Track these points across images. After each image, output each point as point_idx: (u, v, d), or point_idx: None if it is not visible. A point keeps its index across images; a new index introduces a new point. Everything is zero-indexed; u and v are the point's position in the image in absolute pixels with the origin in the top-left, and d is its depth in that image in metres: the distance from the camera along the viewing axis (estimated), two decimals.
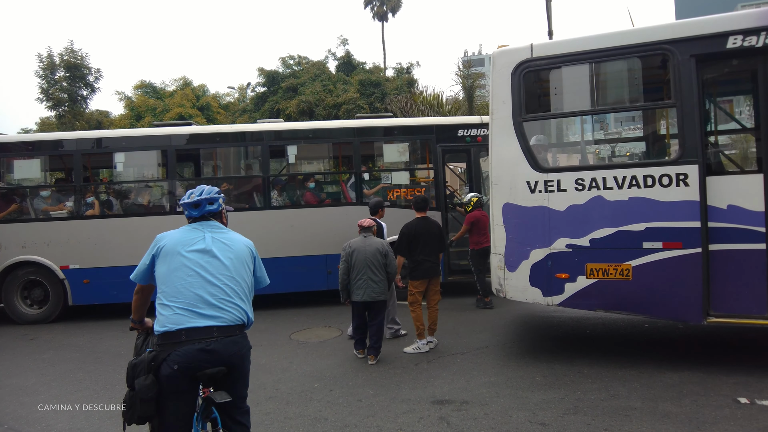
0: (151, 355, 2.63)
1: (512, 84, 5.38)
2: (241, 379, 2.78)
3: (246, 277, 2.87)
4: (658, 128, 5.29)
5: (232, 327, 2.68)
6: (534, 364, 5.37)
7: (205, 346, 2.57)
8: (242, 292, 2.80)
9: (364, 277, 5.54)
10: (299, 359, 5.91)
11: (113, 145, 8.52)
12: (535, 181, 5.29)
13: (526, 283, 5.36)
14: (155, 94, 25.14)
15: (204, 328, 2.60)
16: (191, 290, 2.66)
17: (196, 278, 2.69)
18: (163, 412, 2.59)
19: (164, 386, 2.57)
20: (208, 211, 2.94)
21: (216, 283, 2.71)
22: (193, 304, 2.64)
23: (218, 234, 2.88)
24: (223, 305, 2.68)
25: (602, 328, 6.69)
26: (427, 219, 6.15)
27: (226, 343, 2.63)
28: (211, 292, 2.68)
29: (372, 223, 5.96)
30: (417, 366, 5.49)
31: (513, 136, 5.37)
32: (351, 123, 9.03)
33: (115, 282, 8.32)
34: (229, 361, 2.64)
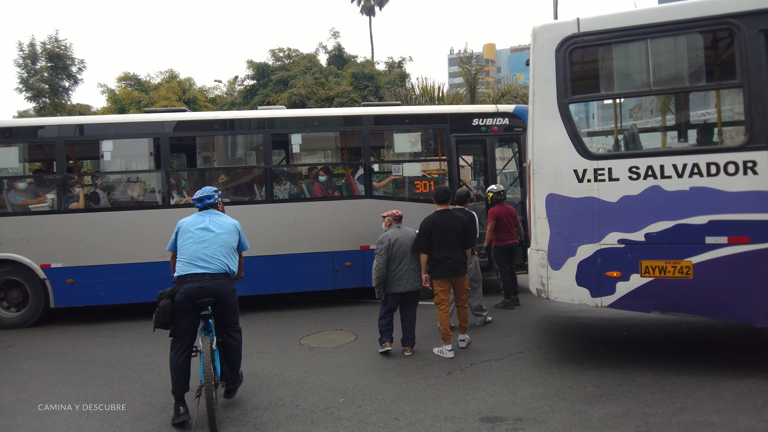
0: (170, 289, 4.13)
1: (556, 62, 4.85)
2: (227, 307, 4.20)
3: (231, 244, 4.27)
4: (721, 111, 4.83)
5: (218, 274, 4.12)
6: (579, 371, 4.86)
7: (200, 283, 4.03)
8: (227, 253, 4.22)
9: (405, 267, 5.45)
10: (315, 368, 5.30)
11: (100, 132, 7.76)
12: (583, 169, 4.77)
13: (572, 282, 4.84)
14: (140, 87, 24.15)
15: (200, 274, 4.07)
16: (191, 250, 4.14)
17: (197, 244, 4.16)
18: (176, 322, 4.07)
19: (177, 307, 4.03)
20: (207, 204, 4.37)
21: (209, 246, 4.15)
22: (194, 260, 4.11)
23: (214, 217, 4.33)
24: (212, 261, 4.13)
25: (639, 330, 6.23)
26: (448, 212, 5.60)
27: (214, 283, 4.07)
28: (205, 252, 4.13)
29: (402, 213, 5.79)
30: (450, 375, 4.93)
31: (558, 119, 4.84)
32: (360, 110, 8.42)
33: (102, 282, 7.61)
34: (215, 294, 4.05)
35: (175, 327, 4.07)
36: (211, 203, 4.36)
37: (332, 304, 8.32)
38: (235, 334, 4.28)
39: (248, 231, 6.93)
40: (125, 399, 4.73)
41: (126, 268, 7.62)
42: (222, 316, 4.19)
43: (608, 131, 5.20)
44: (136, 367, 5.61)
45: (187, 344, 4.08)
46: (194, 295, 3.97)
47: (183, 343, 4.08)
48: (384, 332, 5.63)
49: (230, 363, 4.27)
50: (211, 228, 4.22)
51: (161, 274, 7.65)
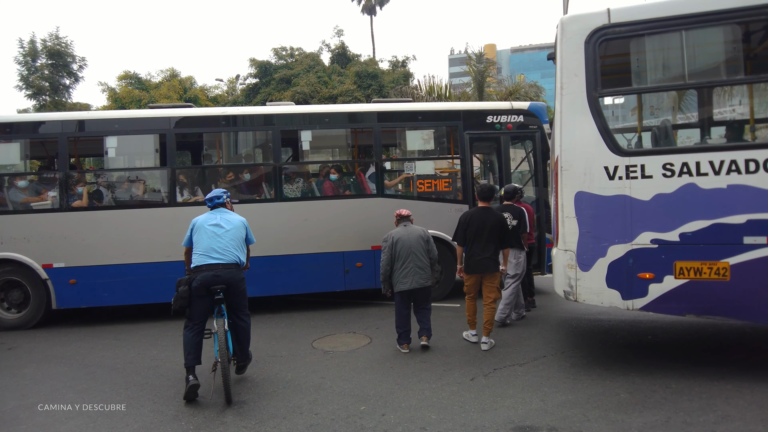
0: (187, 277, 4.61)
1: (586, 54, 4.64)
2: (238, 293, 4.68)
3: (240, 237, 4.79)
4: (762, 105, 4.64)
5: (230, 264, 4.62)
6: (608, 376, 4.65)
7: (215, 272, 4.51)
8: (237, 245, 4.73)
9: (410, 265, 5.50)
10: (331, 373, 5.08)
11: (104, 128, 7.53)
12: (614, 166, 4.56)
13: (602, 284, 4.63)
14: (140, 86, 23.88)
15: (214, 264, 4.56)
16: (206, 244, 4.63)
17: (210, 238, 4.65)
18: (192, 306, 4.52)
19: (193, 292, 4.49)
20: (217, 203, 4.89)
21: (221, 240, 4.65)
22: (207, 251, 4.61)
23: (224, 215, 4.83)
24: (224, 252, 4.62)
25: (662, 333, 6.03)
26: (487, 210, 5.70)
27: (226, 272, 4.56)
28: (218, 245, 4.62)
29: (409, 212, 5.82)
30: (474, 381, 4.71)
31: (587, 113, 4.63)
32: (372, 107, 8.20)
33: (106, 283, 7.38)
34: (227, 282, 4.54)
35: (190, 310, 4.57)
36: (221, 203, 4.92)
37: (343, 305, 8.10)
38: (244, 317, 4.83)
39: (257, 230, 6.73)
40: (134, 406, 4.50)
41: (130, 268, 7.40)
42: (233, 300, 4.69)
43: (632, 127, 4.99)
44: (143, 371, 5.38)
45: (199, 325, 4.61)
46: (209, 282, 4.51)
47: (196, 324, 4.60)
48: (401, 334, 5.67)
49: (240, 342, 4.83)
50: (222, 224, 4.75)
51: (167, 274, 7.45)
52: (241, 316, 4.78)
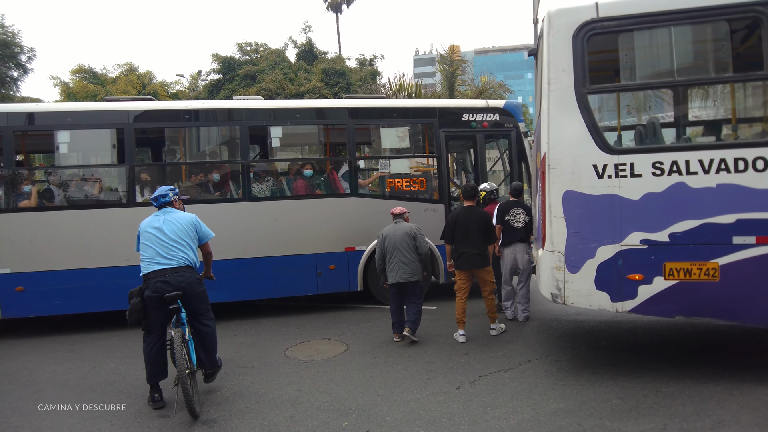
0: (139, 287, 4.26)
1: (574, 49, 4.48)
2: (195, 298, 4.34)
3: (188, 237, 4.41)
4: (750, 103, 4.61)
5: (179, 267, 4.27)
6: (597, 381, 4.52)
7: (163, 278, 4.19)
8: (186, 245, 4.36)
9: (395, 259, 5.76)
10: (308, 385, 4.75)
11: (55, 121, 6.91)
12: (603, 164, 4.42)
13: (591, 286, 4.49)
14: (96, 80, 22.62)
15: (162, 270, 4.22)
16: (150, 249, 4.30)
17: (154, 243, 4.31)
18: (147, 318, 4.21)
19: (147, 303, 4.19)
20: (163, 203, 4.51)
21: (166, 243, 4.29)
22: (153, 257, 4.28)
23: (168, 215, 4.45)
24: (171, 256, 4.27)
25: (643, 333, 5.98)
26: (472, 208, 5.90)
27: (176, 276, 4.22)
28: (162, 249, 4.28)
29: (403, 210, 6.13)
30: (460, 390, 4.49)
31: (575, 110, 4.47)
32: (345, 102, 7.88)
33: (58, 289, 6.79)
34: (179, 287, 4.18)
35: (146, 322, 4.24)
36: (166, 201, 4.55)
37: (315, 309, 7.77)
38: (207, 321, 4.48)
39: (223, 231, 6.44)
40: (87, 429, 4.05)
41: (85, 273, 6.82)
42: (191, 306, 4.37)
43: (621, 125, 4.89)
44: (99, 388, 4.90)
45: (157, 337, 4.29)
46: (160, 290, 4.16)
47: (154, 336, 4.30)
48: (393, 324, 6.04)
49: (206, 349, 4.48)
50: (165, 225, 4.38)
51: (125, 279, 6.88)
52: (203, 321, 4.44)
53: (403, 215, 6.08)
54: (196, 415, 4.05)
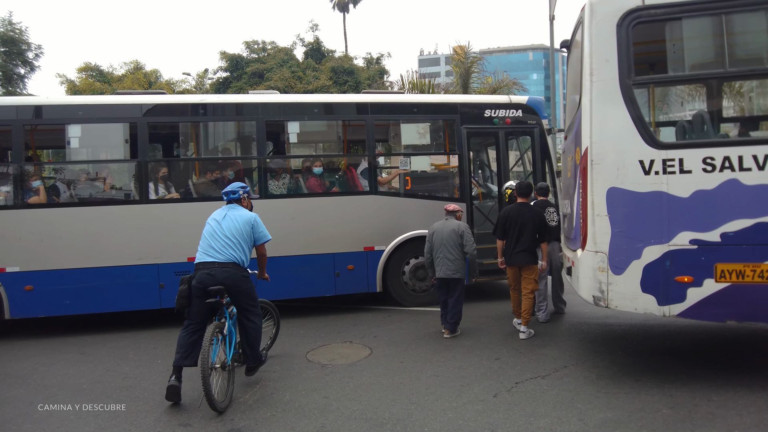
0: (188, 275, 4.39)
1: (618, 38, 4.25)
2: (238, 294, 4.47)
3: (242, 236, 4.49)
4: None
5: (226, 263, 4.37)
6: (642, 389, 4.27)
7: (209, 271, 4.32)
8: (236, 244, 4.45)
9: (440, 255, 5.90)
10: (335, 392, 4.51)
11: (66, 115, 6.68)
12: (650, 159, 4.18)
13: (636, 288, 4.24)
14: (102, 78, 22.42)
15: (210, 263, 4.37)
16: (206, 240, 4.50)
17: (210, 235, 4.49)
18: (191, 305, 4.32)
19: (192, 291, 4.30)
20: (232, 198, 4.65)
21: (219, 238, 4.44)
22: (206, 248, 4.46)
23: (232, 212, 4.59)
24: (220, 251, 4.40)
25: (679, 337, 5.74)
26: (525, 206, 5.95)
27: (221, 271, 4.33)
28: (216, 243, 4.43)
29: (456, 208, 6.19)
30: (497, 398, 4.24)
31: (620, 102, 4.24)
32: (364, 97, 7.65)
33: (68, 289, 6.56)
34: (223, 282, 4.30)
35: (189, 309, 4.33)
36: (235, 198, 4.67)
37: (332, 311, 7.53)
38: (252, 317, 4.58)
39: None
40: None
41: (96, 272, 6.60)
42: (236, 301, 4.53)
43: (668, 119, 4.65)
44: (114, 393, 4.66)
45: (195, 326, 4.32)
46: (204, 282, 4.28)
47: (193, 324, 4.34)
48: (441, 316, 6.14)
49: (250, 344, 4.58)
50: (225, 221, 4.53)
51: (138, 279, 6.71)
52: (248, 316, 4.57)
53: (455, 213, 6.14)
54: (216, 409, 4.02)
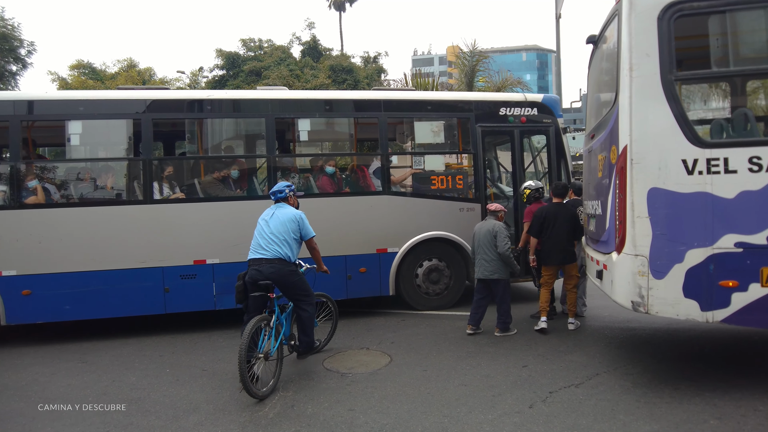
0: (244, 272, 4.81)
1: (659, 32, 4.05)
2: (287, 287, 4.82)
3: (287, 234, 4.81)
4: None
5: (272, 259, 4.71)
6: (684, 399, 4.08)
7: (258, 267, 4.70)
8: (282, 241, 4.77)
9: (479, 256, 5.97)
10: (360, 403, 4.26)
11: (66, 110, 6.36)
12: (693, 159, 3.99)
13: (678, 293, 4.04)
14: (94, 76, 21.91)
15: (258, 259, 4.75)
16: (255, 239, 4.88)
17: (259, 233, 4.88)
18: (248, 300, 4.71)
19: (246, 286, 4.71)
20: (279, 198, 4.99)
21: (266, 236, 4.79)
22: (255, 246, 4.84)
23: (279, 210, 4.93)
24: (267, 248, 4.75)
25: (706, 342, 5.57)
26: (561, 205, 6.13)
27: (268, 267, 4.68)
28: (263, 241, 4.79)
29: (498, 207, 6.16)
30: (534, 408, 4.03)
31: (662, 99, 4.04)
32: (377, 94, 7.40)
33: (67, 293, 6.25)
34: (270, 277, 4.64)
35: (246, 303, 4.72)
36: (282, 197, 4.98)
37: (343, 315, 7.22)
38: (305, 306, 4.90)
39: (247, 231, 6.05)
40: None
41: (97, 276, 6.29)
42: (287, 293, 4.87)
43: (711, 117, 4.47)
44: (122, 407, 4.37)
45: (252, 317, 4.52)
46: (253, 277, 4.64)
47: (250, 316, 4.60)
48: (470, 316, 6.08)
49: (303, 331, 4.96)
50: (272, 219, 4.85)
51: (142, 283, 6.42)
52: (301, 305, 4.90)
53: (497, 213, 6.12)
54: (254, 396, 4.26)
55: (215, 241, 6.56)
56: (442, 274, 7.34)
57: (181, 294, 6.52)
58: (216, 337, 6.42)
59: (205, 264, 6.56)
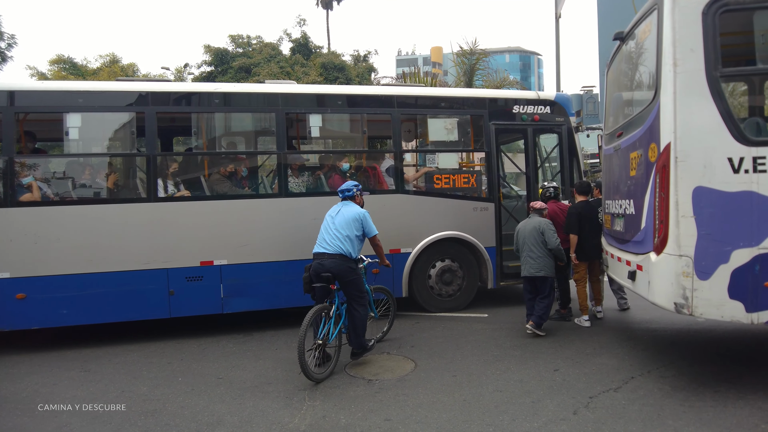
0: (310, 264, 5.07)
1: (704, 27, 3.95)
2: (345, 283, 5.03)
3: (350, 231, 5.07)
4: None
5: (334, 254, 4.98)
6: (727, 402, 3.98)
7: (320, 260, 4.98)
8: (344, 237, 5.03)
9: (524, 254, 5.97)
10: (395, 412, 4.05)
11: (65, 102, 5.98)
12: (739, 157, 3.90)
13: (723, 294, 3.95)
14: (75, 71, 21.12)
15: (321, 253, 5.03)
16: (321, 234, 5.17)
17: (324, 229, 5.18)
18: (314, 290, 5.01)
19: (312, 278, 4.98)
20: (347, 196, 5.31)
21: (331, 231, 5.08)
22: (320, 241, 5.13)
23: (345, 208, 5.21)
24: (330, 243, 5.02)
25: (730, 342, 5.51)
26: (589, 203, 6.29)
27: (329, 261, 4.94)
28: (327, 236, 5.08)
29: (542, 206, 6.18)
30: (578, 415, 3.87)
31: (707, 96, 3.95)
32: (391, 90, 7.19)
33: (65, 297, 5.88)
34: (330, 270, 4.90)
35: (313, 293, 5.02)
36: (349, 195, 5.28)
37: None
38: (357, 306, 5.07)
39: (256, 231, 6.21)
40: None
41: (98, 278, 5.94)
42: (344, 289, 5.05)
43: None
44: (139, 421, 4.07)
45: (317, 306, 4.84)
46: (316, 269, 4.93)
47: (317, 305, 4.89)
48: (527, 315, 6.08)
49: (355, 330, 5.06)
50: (337, 216, 5.12)
51: (145, 285, 6.09)
52: (354, 305, 5.06)
53: (542, 211, 6.14)
54: (311, 378, 4.59)
55: (223, 242, 6.27)
56: (455, 275, 7.18)
57: (186, 297, 6.21)
58: (225, 342, 6.13)
59: (212, 265, 6.26)
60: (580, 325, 6.26)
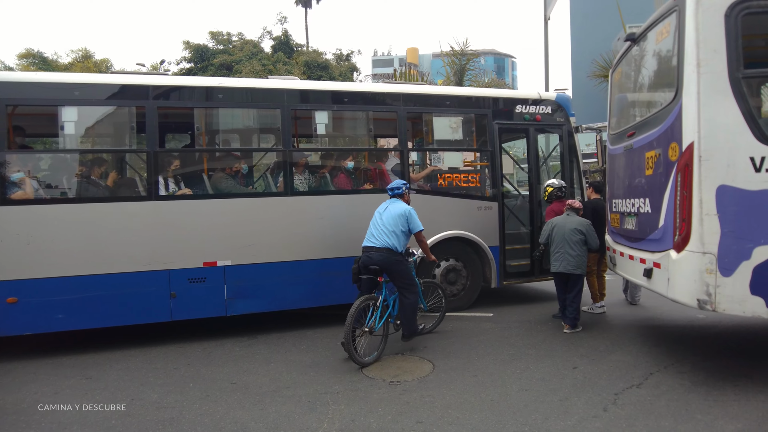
0: (359, 256, 5.44)
1: (727, 28, 4.03)
2: (393, 274, 5.34)
3: (396, 226, 5.33)
4: None
5: (380, 247, 5.29)
6: (749, 396, 4.07)
7: (369, 254, 5.32)
8: (391, 232, 5.31)
9: (561, 251, 6.04)
10: (426, 414, 3.97)
11: (60, 95, 5.68)
12: (761, 156, 3.99)
13: (745, 291, 4.03)
14: (45, 66, 20.25)
15: (370, 247, 5.36)
16: (370, 229, 5.49)
17: (373, 224, 5.50)
18: (361, 281, 5.37)
19: (360, 269, 5.35)
20: (396, 194, 5.58)
21: (378, 227, 5.40)
22: (369, 235, 5.45)
23: (392, 205, 5.49)
24: (378, 237, 5.34)
25: (731, 336, 5.66)
26: (601, 200, 6.67)
27: (376, 254, 5.27)
28: (375, 231, 5.41)
29: (580, 204, 6.27)
30: (609, 412, 3.89)
31: (730, 96, 4.02)
32: (397, 88, 7.10)
33: (60, 301, 5.58)
34: (378, 263, 5.25)
35: (360, 284, 5.36)
36: (398, 193, 5.55)
37: None
38: (407, 294, 5.37)
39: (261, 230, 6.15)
40: None
41: (95, 280, 5.66)
42: (392, 280, 5.37)
43: None
44: (158, 431, 3.87)
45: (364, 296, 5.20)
46: (365, 262, 5.28)
47: (362, 294, 5.26)
48: (561, 313, 6.33)
49: (405, 316, 5.39)
50: (385, 213, 5.42)
51: (146, 287, 5.84)
52: (403, 293, 5.38)
53: (579, 210, 6.26)
54: (358, 363, 4.97)
55: (227, 242, 6.07)
56: (460, 274, 7.16)
57: (189, 299, 5.98)
58: (230, 345, 5.94)
59: (215, 266, 6.05)
60: (592, 312, 6.77)
